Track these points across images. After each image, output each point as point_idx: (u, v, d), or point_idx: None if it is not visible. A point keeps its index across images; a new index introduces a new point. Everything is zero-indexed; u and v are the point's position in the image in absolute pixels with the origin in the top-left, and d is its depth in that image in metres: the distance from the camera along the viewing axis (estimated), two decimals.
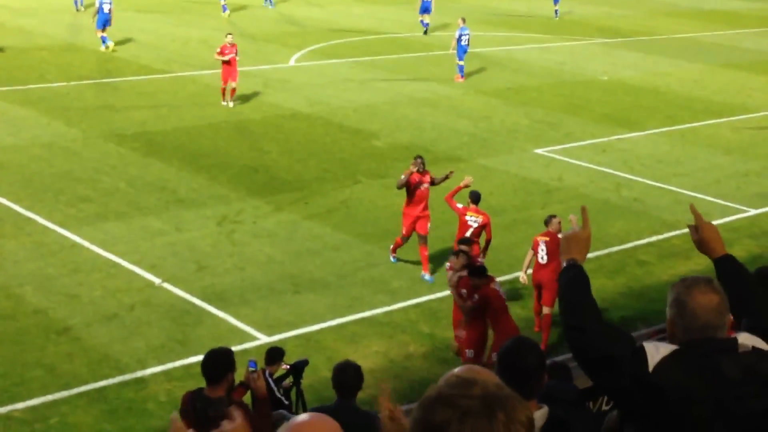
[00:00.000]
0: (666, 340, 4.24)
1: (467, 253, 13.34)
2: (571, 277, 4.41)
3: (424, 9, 40.81)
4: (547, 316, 14.22)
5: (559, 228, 14.32)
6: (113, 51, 32.78)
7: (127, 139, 23.14)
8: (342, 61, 33.97)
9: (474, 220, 15.37)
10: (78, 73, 29.73)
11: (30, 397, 12.15)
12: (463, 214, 15.45)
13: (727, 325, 4.14)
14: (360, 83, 30.71)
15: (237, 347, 12.73)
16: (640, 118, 28.18)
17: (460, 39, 32.02)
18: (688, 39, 44.53)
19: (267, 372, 10.38)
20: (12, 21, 37.20)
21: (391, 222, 18.47)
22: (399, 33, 40.90)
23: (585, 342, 4.20)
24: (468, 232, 15.26)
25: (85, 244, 16.88)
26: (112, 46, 33.01)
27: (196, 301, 14.95)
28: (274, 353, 10.87)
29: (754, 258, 17.14)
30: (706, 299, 4.10)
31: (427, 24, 40.81)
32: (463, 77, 31.87)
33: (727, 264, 4.74)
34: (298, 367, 10.67)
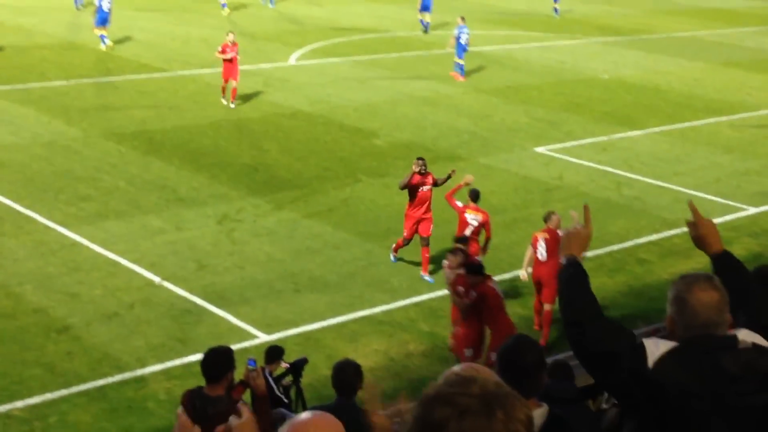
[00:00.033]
0: (666, 337, 4.23)
1: (464, 251, 13.36)
2: (571, 273, 4.42)
3: (424, 7, 40.78)
4: (547, 312, 14.21)
5: (559, 224, 14.29)
6: (111, 49, 32.78)
7: (127, 138, 23.14)
8: (342, 60, 33.96)
9: (473, 218, 15.37)
10: (78, 71, 29.72)
11: (30, 396, 12.16)
12: (463, 212, 15.44)
13: (727, 322, 4.14)
14: (360, 82, 30.70)
15: (237, 346, 12.73)
16: (640, 117, 28.17)
17: (459, 38, 32.01)
18: (689, 37, 44.51)
19: (267, 370, 10.37)
20: (12, 19, 37.19)
21: (392, 221, 18.47)
22: (399, 32, 40.88)
23: (585, 338, 4.19)
24: (468, 231, 15.26)
25: (85, 242, 16.88)
26: (110, 44, 33.00)
27: (196, 300, 14.95)
28: (273, 352, 10.86)
29: (754, 256, 17.13)
30: (706, 296, 4.10)
31: (427, 23, 40.79)
32: (463, 76, 31.85)
33: (724, 260, 4.73)
34: (298, 366, 10.67)
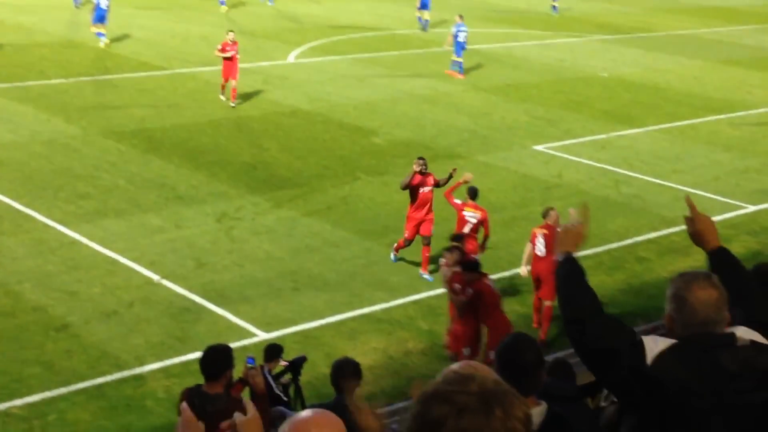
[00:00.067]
0: (665, 335, 4.23)
1: (460, 248, 13.36)
2: (568, 270, 4.42)
3: (423, 5, 40.77)
4: (547, 308, 14.19)
5: (557, 220, 14.29)
6: (107, 46, 32.74)
7: (126, 136, 23.13)
8: (341, 58, 33.94)
9: (472, 216, 15.37)
10: (77, 69, 29.70)
11: (29, 394, 12.16)
12: (461, 209, 15.44)
13: (725, 320, 4.14)
14: (359, 80, 30.69)
15: (236, 344, 12.72)
16: (639, 115, 28.16)
17: (457, 36, 32.01)
18: (688, 35, 44.50)
19: (266, 369, 10.37)
20: (11, 18, 37.17)
21: (391, 219, 18.46)
22: (399, 29, 40.86)
23: (585, 335, 4.19)
24: (466, 228, 15.26)
25: (84, 241, 16.87)
26: (106, 42, 32.94)
27: (195, 298, 14.94)
28: (272, 350, 10.86)
29: (753, 254, 17.13)
30: (705, 294, 4.10)
31: (426, 21, 40.76)
32: (462, 74, 31.83)
33: (720, 256, 4.74)
34: (297, 364, 10.67)
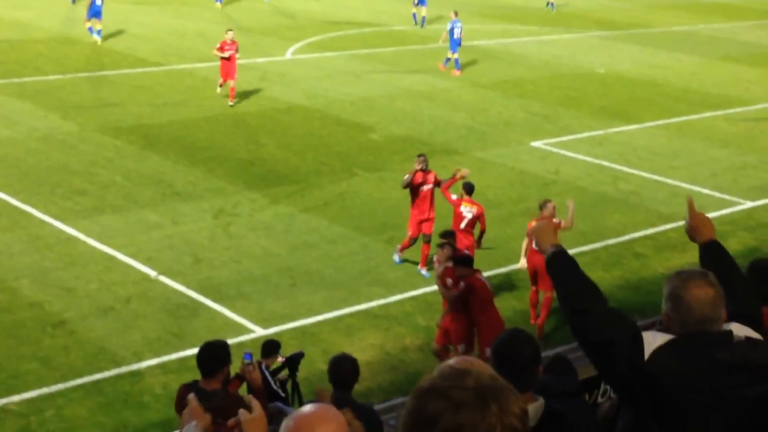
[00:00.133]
0: (663, 331, 4.24)
1: (452, 244, 13.36)
2: (562, 262, 4.43)
3: (420, 1, 40.71)
4: (547, 298, 14.22)
5: (554, 213, 14.42)
6: (95, 43, 32.67)
7: (123, 132, 23.10)
8: (339, 54, 33.92)
9: (468, 211, 15.37)
10: (74, 66, 29.67)
11: (26, 390, 12.15)
12: (458, 205, 15.44)
13: (722, 318, 4.15)
14: (357, 76, 30.67)
15: (233, 340, 12.72)
16: (637, 111, 28.16)
17: (452, 32, 32.00)
18: (686, 32, 44.48)
19: (263, 365, 10.36)
20: (8, 14, 37.11)
21: (388, 215, 18.47)
22: (396, 26, 40.83)
23: (587, 327, 4.19)
24: (463, 223, 15.26)
25: (81, 237, 16.86)
26: (96, 40, 32.82)
27: (192, 294, 14.94)
28: (270, 346, 10.85)
29: (750, 250, 17.15)
30: (701, 293, 4.10)
31: (423, 17, 40.71)
32: (459, 70, 31.82)
33: (710, 248, 4.80)
34: (294, 360, 10.66)
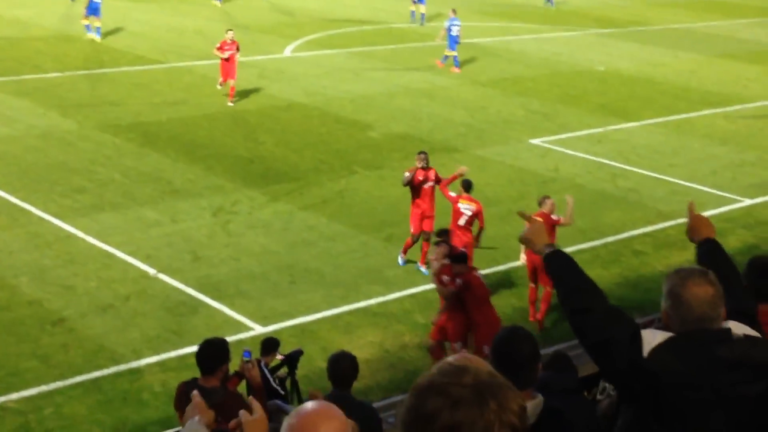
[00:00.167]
0: (662, 329, 4.24)
1: (447, 242, 13.37)
2: (560, 261, 4.43)
3: None
4: (547, 293, 14.23)
5: (553, 209, 14.48)
6: (91, 40, 32.66)
7: (122, 130, 23.09)
8: (338, 52, 33.90)
9: (467, 208, 15.38)
10: (73, 63, 29.66)
11: (25, 388, 12.15)
12: (456, 202, 15.45)
13: (721, 316, 4.14)
14: (356, 74, 30.65)
15: (232, 338, 12.71)
16: (635, 109, 28.15)
17: (450, 30, 31.99)
18: (685, 29, 44.47)
19: (262, 362, 10.37)
20: (7, 11, 37.08)
21: (387, 213, 18.47)
22: (395, 23, 40.81)
23: (588, 323, 4.19)
24: (461, 220, 15.27)
25: (80, 234, 16.86)
26: (92, 37, 32.80)
27: (192, 292, 14.94)
28: (269, 344, 10.85)
29: (749, 248, 17.16)
30: (701, 291, 4.10)
31: (423, 15, 40.68)
32: (458, 67, 31.81)
33: (707, 246, 4.83)
34: (293, 358, 10.66)
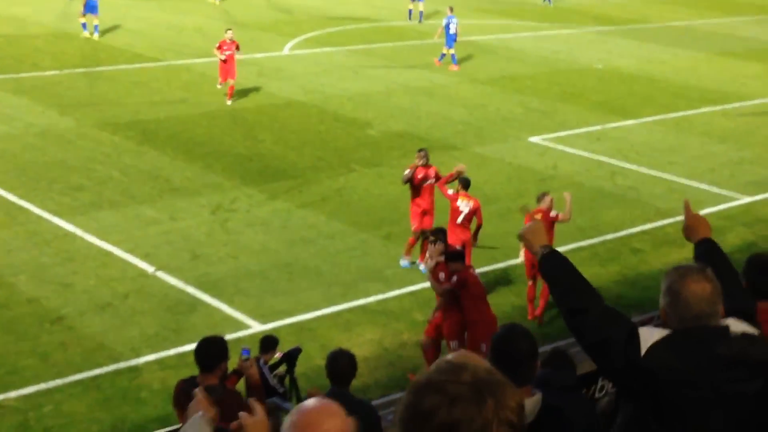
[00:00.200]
0: (660, 326, 4.24)
1: (444, 240, 13.37)
2: (555, 262, 4.43)
3: None
4: (546, 288, 14.20)
5: (551, 205, 14.49)
6: (87, 38, 32.62)
7: (120, 128, 23.08)
8: (337, 50, 33.89)
9: (465, 205, 15.37)
10: (71, 61, 29.64)
11: (24, 386, 12.15)
12: (454, 200, 15.44)
13: (719, 313, 4.15)
14: (355, 72, 30.65)
15: (231, 336, 12.73)
16: (634, 107, 28.15)
17: (447, 27, 32.00)
18: (684, 27, 44.47)
19: (261, 360, 10.37)
20: (4, 9, 37.06)
21: (386, 210, 18.46)
22: (394, 21, 40.80)
23: (584, 324, 4.20)
24: (459, 218, 15.26)
25: (78, 233, 16.85)
26: (87, 35, 32.74)
27: (190, 290, 14.94)
28: (268, 342, 10.85)
29: (748, 245, 17.16)
30: (699, 288, 4.11)
31: (420, 13, 40.67)
32: (457, 65, 31.80)
33: (705, 246, 4.84)
34: (292, 355, 10.67)
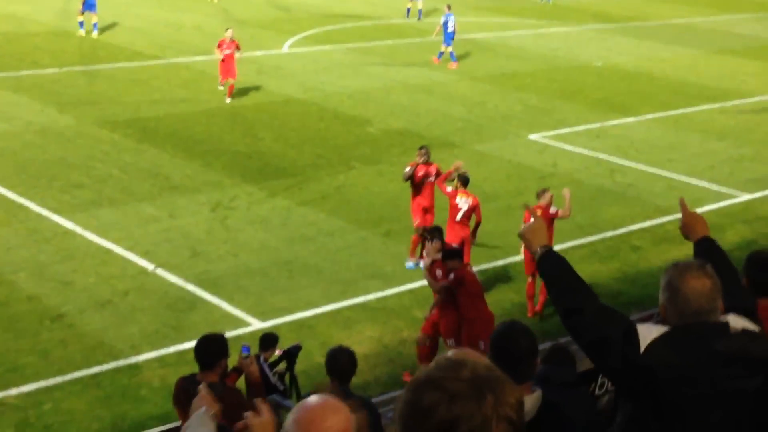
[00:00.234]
0: (660, 323, 4.25)
1: (440, 238, 13.38)
2: (553, 262, 4.44)
3: None
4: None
5: (551, 202, 14.53)
6: (82, 37, 32.61)
7: (120, 126, 23.08)
8: (336, 47, 33.89)
9: (464, 203, 15.38)
10: (71, 59, 29.62)
11: (24, 383, 12.15)
12: (453, 197, 15.45)
13: (719, 309, 4.15)
14: (354, 69, 30.65)
15: (231, 333, 12.72)
16: (634, 104, 28.16)
17: (446, 25, 32.01)
18: (683, 24, 44.47)
19: (261, 358, 10.38)
20: (3, 7, 37.03)
21: (386, 208, 18.47)
22: (393, 19, 40.79)
23: (581, 323, 4.21)
24: (458, 215, 15.27)
25: (78, 230, 16.85)
26: (84, 34, 32.73)
27: (190, 288, 14.94)
28: (268, 339, 10.86)
29: (747, 243, 17.16)
30: (698, 284, 4.11)
31: (419, 11, 40.65)
32: (456, 62, 31.80)
33: (704, 245, 4.84)
34: (292, 353, 10.67)
